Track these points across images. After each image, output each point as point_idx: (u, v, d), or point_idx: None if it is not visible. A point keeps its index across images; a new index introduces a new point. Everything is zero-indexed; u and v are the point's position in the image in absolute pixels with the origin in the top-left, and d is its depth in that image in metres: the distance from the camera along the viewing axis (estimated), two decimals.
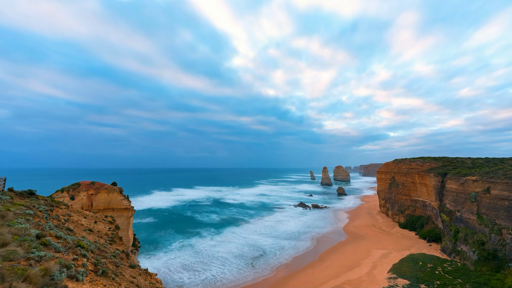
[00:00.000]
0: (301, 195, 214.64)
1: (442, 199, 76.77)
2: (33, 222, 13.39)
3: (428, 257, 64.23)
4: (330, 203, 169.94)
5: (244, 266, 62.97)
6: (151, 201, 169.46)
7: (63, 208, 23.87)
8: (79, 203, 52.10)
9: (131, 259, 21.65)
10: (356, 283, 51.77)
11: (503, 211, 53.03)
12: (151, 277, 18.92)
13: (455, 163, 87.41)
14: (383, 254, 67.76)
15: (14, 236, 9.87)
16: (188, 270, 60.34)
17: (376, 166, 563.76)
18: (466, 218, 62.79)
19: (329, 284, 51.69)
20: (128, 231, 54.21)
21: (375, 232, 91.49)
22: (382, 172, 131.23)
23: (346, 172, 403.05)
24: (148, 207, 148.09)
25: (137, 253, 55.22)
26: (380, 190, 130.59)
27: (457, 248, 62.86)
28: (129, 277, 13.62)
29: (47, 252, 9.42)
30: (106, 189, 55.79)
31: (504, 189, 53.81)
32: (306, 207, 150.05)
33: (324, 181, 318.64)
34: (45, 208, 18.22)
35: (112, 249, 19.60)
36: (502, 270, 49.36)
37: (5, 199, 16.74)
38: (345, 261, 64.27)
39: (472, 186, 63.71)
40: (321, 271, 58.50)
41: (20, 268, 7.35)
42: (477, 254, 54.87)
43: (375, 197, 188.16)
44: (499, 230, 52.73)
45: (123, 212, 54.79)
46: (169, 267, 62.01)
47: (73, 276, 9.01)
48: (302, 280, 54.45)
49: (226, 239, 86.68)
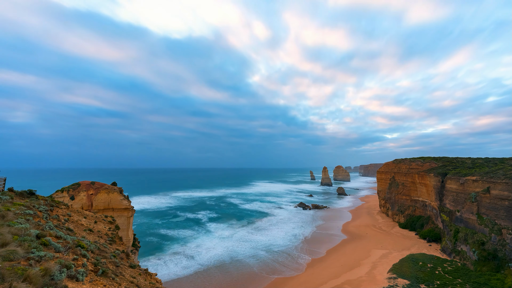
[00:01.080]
0: (301, 195, 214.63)
1: (442, 199, 76.76)
2: (33, 222, 13.38)
3: (428, 257, 64.22)
4: (330, 203, 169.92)
5: (244, 266, 62.96)
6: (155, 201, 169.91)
7: (63, 208, 23.86)
8: (79, 203, 52.08)
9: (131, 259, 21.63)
10: (356, 283, 51.77)
11: (503, 211, 53.03)
12: (151, 277, 18.89)
13: (455, 163, 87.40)
14: (383, 254, 67.76)
15: (14, 236, 9.86)
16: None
17: (376, 166, 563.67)
18: (466, 218, 62.80)
19: (329, 284, 51.69)
20: (128, 231, 54.19)
21: (375, 232, 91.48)
22: (382, 172, 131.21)
23: (346, 172, 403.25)
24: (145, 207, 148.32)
25: (137, 253, 55.18)
26: (380, 190, 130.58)
27: (457, 248, 62.86)
28: (129, 277, 13.61)
29: (47, 252, 9.41)
30: (106, 189, 55.78)
31: (504, 189, 53.81)
32: (306, 207, 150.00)
33: (324, 181, 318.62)
34: (45, 208, 18.21)
35: (112, 249, 19.59)
36: (502, 270, 49.37)
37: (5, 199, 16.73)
38: (345, 261, 64.26)
39: (472, 186, 63.70)
40: (321, 271, 58.49)
41: (20, 268, 7.34)
42: (477, 254, 54.87)
43: (375, 197, 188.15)
44: (499, 230, 52.73)
45: (123, 212, 54.78)
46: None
47: (73, 276, 9.00)
48: (302, 280, 54.45)
49: (225, 239, 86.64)
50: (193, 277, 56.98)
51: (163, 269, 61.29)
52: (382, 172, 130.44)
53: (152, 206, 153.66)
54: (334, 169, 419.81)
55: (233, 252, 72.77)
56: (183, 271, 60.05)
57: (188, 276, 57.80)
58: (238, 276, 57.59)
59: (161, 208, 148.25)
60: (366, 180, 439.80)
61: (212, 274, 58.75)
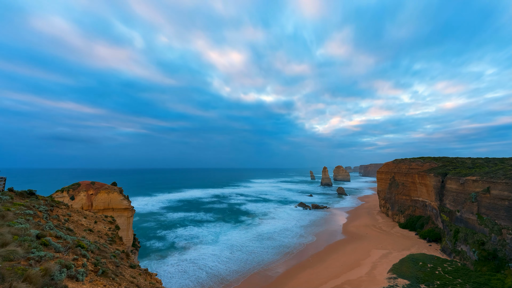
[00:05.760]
0: (301, 195, 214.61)
1: (442, 199, 76.75)
2: (33, 222, 13.38)
3: (428, 257, 64.21)
4: (330, 203, 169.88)
5: (244, 266, 62.99)
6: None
7: (63, 208, 23.86)
8: (79, 203, 52.10)
9: (131, 259, 21.62)
10: (356, 283, 51.76)
11: (503, 211, 53.02)
12: (151, 277, 18.89)
13: (455, 163, 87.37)
14: (383, 254, 67.75)
15: (14, 236, 9.87)
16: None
17: (376, 166, 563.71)
18: (466, 218, 62.79)
19: (329, 284, 51.67)
20: (128, 231, 54.22)
21: (375, 232, 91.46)
22: (382, 172, 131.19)
23: (346, 172, 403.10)
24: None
25: (137, 253, 55.20)
26: (380, 190, 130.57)
27: (457, 248, 62.85)
28: (129, 277, 13.61)
29: (47, 252, 9.41)
30: (106, 189, 55.81)
31: (504, 189, 53.81)
32: (306, 207, 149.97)
33: (324, 181, 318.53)
34: (45, 208, 18.21)
35: (112, 249, 19.59)
36: (502, 270, 49.36)
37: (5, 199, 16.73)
38: (345, 261, 64.25)
39: (472, 186, 63.69)
40: (321, 271, 58.48)
41: (20, 268, 7.35)
42: (477, 254, 54.87)
43: (375, 197, 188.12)
44: (499, 230, 52.72)
45: (123, 212, 54.81)
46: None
47: (73, 276, 9.01)
48: (302, 280, 54.44)
49: (225, 240, 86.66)
50: (193, 278, 56.97)
51: (163, 269, 61.26)
52: (382, 172, 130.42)
53: (152, 205, 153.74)
54: (334, 169, 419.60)
55: (233, 252, 72.77)
56: (182, 271, 60.07)
57: (186, 278, 57.77)
58: (238, 277, 57.59)
59: (161, 208, 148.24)
60: (366, 180, 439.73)
61: (210, 275, 58.73)
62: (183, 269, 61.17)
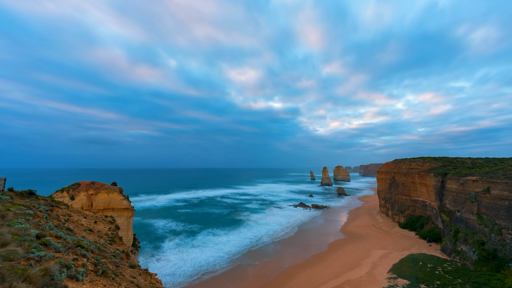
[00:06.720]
0: (301, 195, 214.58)
1: (442, 199, 76.75)
2: (33, 222, 13.38)
3: (428, 257, 64.20)
4: (330, 203, 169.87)
5: (244, 266, 62.98)
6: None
7: (63, 208, 23.86)
8: (79, 203, 52.10)
9: (131, 259, 21.62)
10: (356, 283, 51.76)
11: (503, 211, 53.02)
12: (151, 277, 18.89)
13: (455, 163, 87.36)
14: (383, 254, 67.75)
15: (14, 236, 9.86)
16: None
17: (376, 166, 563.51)
18: (466, 218, 62.78)
19: (329, 284, 51.68)
20: (128, 231, 54.21)
21: (375, 232, 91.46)
22: (382, 172, 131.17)
23: (346, 172, 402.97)
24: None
25: (137, 253, 55.21)
26: (380, 190, 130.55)
27: (457, 248, 62.85)
28: (129, 277, 13.61)
29: (47, 252, 9.41)
30: (106, 189, 55.81)
31: (504, 189, 53.80)
32: (306, 207, 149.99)
33: (324, 181, 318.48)
34: (45, 208, 18.21)
35: (112, 249, 19.58)
36: (502, 270, 49.35)
37: (5, 199, 16.73)
38: (345, 261, 64.25)
39: (472, 186, 63.68)
40: (321, 271, 58.48)
41: (20, 268, 7.35)
42: (477, 254, 54.86)
43: (375, 197, 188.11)
44: (499, 230, 52.72)
45: (123, 212, 54.81)
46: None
47: (73, 276, 9.01)
48: (302, 280, 54.44)
49: (224, 240, 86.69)
50: (191, 279, 56.98)
51: (163, 269, 61.27)
52: (382, 172, 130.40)
53: (152, 206, 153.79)
54: (334, 169, 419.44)
55: (233, 252, 72.80)
56: (183, 271, 60.09)
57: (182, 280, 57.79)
58: (237, 277, 57.61)
59: (161, 208, 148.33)
60: (366, 180, 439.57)
61: (209, 278, 58.74)
62: (184, 269, 61.23)
